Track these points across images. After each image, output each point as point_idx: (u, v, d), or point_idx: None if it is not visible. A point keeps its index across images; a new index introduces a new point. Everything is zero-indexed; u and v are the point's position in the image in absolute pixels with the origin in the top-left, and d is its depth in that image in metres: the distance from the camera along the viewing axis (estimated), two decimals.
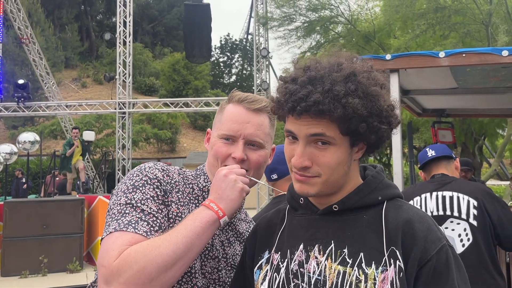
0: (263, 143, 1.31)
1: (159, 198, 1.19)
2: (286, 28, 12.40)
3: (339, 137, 1.00)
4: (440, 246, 0.98)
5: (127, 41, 14.64)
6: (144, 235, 1.09)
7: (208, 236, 1.12)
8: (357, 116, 0.96)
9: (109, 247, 1.06)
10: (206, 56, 15.31)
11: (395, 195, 1.10)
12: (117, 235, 1.08)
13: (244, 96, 1.33)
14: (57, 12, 46.17)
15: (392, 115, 1.03)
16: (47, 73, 17.82)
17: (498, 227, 2.59)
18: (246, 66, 48.68)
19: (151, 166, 1.25)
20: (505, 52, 2.83)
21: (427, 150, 3.02)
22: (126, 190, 1.18)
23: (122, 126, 14.50)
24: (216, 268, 1.27)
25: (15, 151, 12.17)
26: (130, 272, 1.01)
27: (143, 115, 27.58)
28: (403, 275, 0.96)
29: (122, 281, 1.00)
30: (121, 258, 1.03)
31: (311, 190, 1.04)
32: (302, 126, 1.00)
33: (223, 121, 1.32)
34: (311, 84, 0.98)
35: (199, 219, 1.11)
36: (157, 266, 1.02)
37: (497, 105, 5.08)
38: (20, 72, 30.25)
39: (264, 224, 1.23)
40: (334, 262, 1.02)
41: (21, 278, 7.54)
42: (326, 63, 1.03)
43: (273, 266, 1.11)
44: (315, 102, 0.95)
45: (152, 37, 54.01)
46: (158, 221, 1.15)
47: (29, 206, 8.17)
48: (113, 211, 1.15)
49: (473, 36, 9.39)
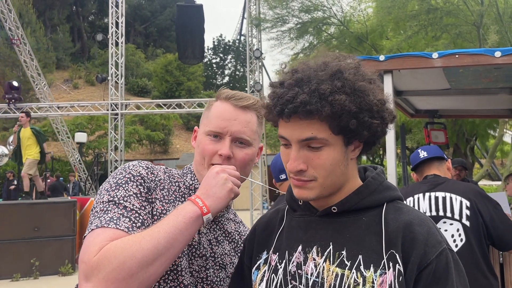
0: (250, 141, 1.30)
1: (142, 195, 1.18)
2: (279, 29, 12.43)
3: (332, 137, 0.99)
4: (440, 250, 0.97)
5: (119, 42, 14.56)
6: (125, 230, 1.08)
7: (191, 233, 1.10)
8: (346, 113, 0.95)
9: (90, 243, 1.05)
10: (199, 57, 15.24)
11: (395, 197, 1.09)
12: (98, 231, 1.07)
13: (232, 93, 1.32)
14: (49, 13, 45.88)
15: (383, 110, 1.01)
16: (38, 74, 17.67)
17: (491, 227, 2.60)
18: (239, 67, 48.73)
19: (135, 164, 1.25)
20: (498, 53, 2.84)
21: (419, 151, 3.03)
22: (109, 188, 1.17)
23: (114, 128, 14.40)
24: (204, 267, 1.26)
25: (6, 153, 12.06)
26: (109, 267, 0.98)
27: (136, 117, 27.47)
28: (402, 279, 0.95)
29: (101, 276, 0.98)
30: (100, 253, 1.01)
31: (310, 194, 1.03)
32: (293, 130, 1.00)
33: (210, 118, 1.31)
34: (298, 85, 0.98)
35: (182, 214, 1.09)
36: (137, 261, 1.00)
37: (489, 106, 5.12)
38: (11, 73, 29.99)
39: (262, 224, 1.23)
40: (332, 264, 1.01)
41: (13, 281, 7.47)
42: (313, 64, 1.03)
43: (271, 267, 1.10)
44: (301, 102, 0.95)
45: (144, 38, 53.87)
46: (140, 217, 1.13)
47: (20, 208, 8.09)
48: (96, 210, 1.14)
49: (465, 37, 9.47)
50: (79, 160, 19.37)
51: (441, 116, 5.62)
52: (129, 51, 34.63)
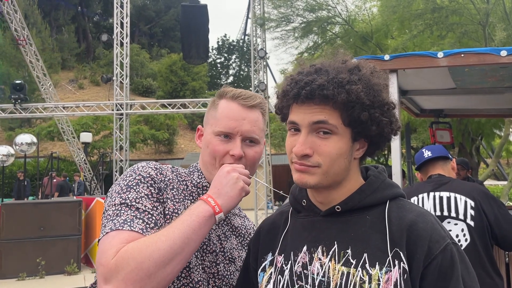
0: (259, 139, 1.33)
1: (153, 196, 1.20)
2: (284, 28, 12.39)
3: (341, 127, 1.02)
4: (444, 245, 0.99)
5: (124, 42, 14.61)
6: (140, 232, 1.10)
7: (205, 231, 1.12)
8: (360, 104, 0.99)
9: (106, 247, 1.07)
10: (203, 57, 15.25)
11: (398, 195, 1.10)
12: (113, 234, 1.09)
13: (238, 92, 1.34)
14: (54, 14, 46.09)
15: (393, 113, 1.06)
16: (44, 74, 17.75)
17: (495, 227, 2.60)
18: (243, 67, 48.74)
19: (144, 165, 1.26)
20: (504, 52, 2.82)
21: (423, 151, 3.02)
22: (120, 191, 1.19)
23: (119, 128, 14.46)
24: (215, 262, 1.28)
25: (12, 153, 12.12)
26: (128, 268, 1.01)
27: (141, 117, 27.54)
28: (407, 277, 0.96)
29: (120, 278, 1.01)
30: (118, 255, 1.04)
31: (310, 180, 1.04)
32: (305, 114, 1.02)
33: (218, 118, 1.32)
34: (316, 73, 1.03)
35: (195, 214, 1.11)
36: (154, 262, 1.02)
37: (495, 105, 5.08)
38: (17, 74, 30.15)
39: (267, 226, 1.23)
40: (337, 263, 1.01)
41: (19, 280, 7.51)
42: (331, 60, 1.08)
43: (277, 268, 1.11)
44: (319, 85, 0.99)
45: (149, 38, 53.98)
46: (153, 218, 1.16)
47: (27, 208, 8.13)
48: (108, 212, 1.16)
49: (470, 36, 9.41)
50: (84, 160, 19.44)
51: (447, 115, 5.58)
52: (133, 51, 34.72)
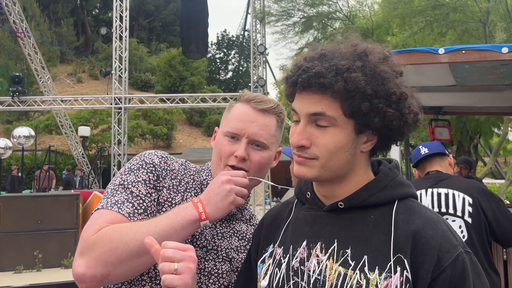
0: (266, 144, 1.30)
1: (150, 182, 1.24)
2: (284, 23, 12.37)
3: (342, 118, 0.95)
4: (455, 255, 0.91)
5: (123, 36, 14.55)
6: (126, 216, 1.15)
7: (187, 233, 1.14)
8: (360, 93, 0.92)
9: (91, 222, 1.15)
10: (202, 52, 15.24)
11: (408, 195, 1.02)
12: (102, 212, 1.17)
13: (253, 96, 1.34)
14: (53, 7, 45.86)
15: (403, 103, 0.96)
16: (42, 67, 17.69)
17: (494, 223, 2.59)
18: (242, 63, 48.64)
19: (151, 152, 1.31)
20: (505, 49, 2.81)
21: (420, 147, 3.00)
22: (123, 172, 1.25)
23: (118, 122, 14.43)
24: (203, 258, 1.26)
25: (9, 146, 12.06)
26: (103, 249, 1.07)
27: (139, 111, 27.48)
28: (409, 287, 0.89)
29: (94, 255, 1.07)
30: (98, 234, 1.10)
31: (308, 173, 0.99)
32: (304, 104, 0.98)
33: (229, 119, 1.33)
34: (319, 59, 0.97)
35: (182, 215, 1.13)
36: (129, 250, 1.07)
37: (495, 103, 5.08)
38: (15, 67, 30.04)
39: (271, 217, 1.20)
40: (335, 262, 0.96)
41: (16, 273, 7.50)
42: (343, 45, 1.01)
43: (276, 261, 1.07)
44: (316, 73, 0.93)
45: (148, 33, 53.80)
46: (144, 204, 1.19)
47: (24, 201, 8.12)
48: (107, 190, 1.23)
49: (471, 34, 9.40)
50: (82, 153, 19.42)
51: (446, 113, 5.58)
52: (132, 46, 34.59)
